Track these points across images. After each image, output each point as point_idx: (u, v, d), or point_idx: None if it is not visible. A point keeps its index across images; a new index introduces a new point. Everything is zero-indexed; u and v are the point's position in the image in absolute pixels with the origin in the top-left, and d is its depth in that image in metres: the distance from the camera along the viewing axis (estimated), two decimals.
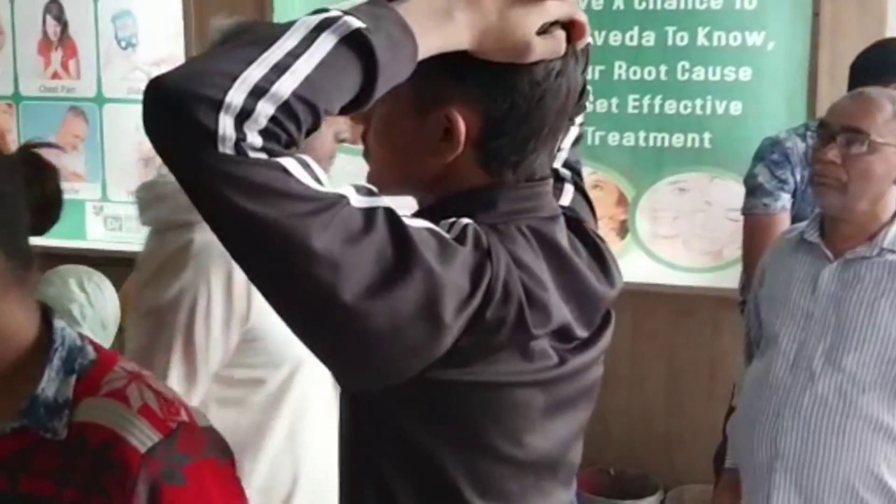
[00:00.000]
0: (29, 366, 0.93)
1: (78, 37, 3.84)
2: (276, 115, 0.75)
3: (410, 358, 0.84)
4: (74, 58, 3.86)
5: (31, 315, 0.95)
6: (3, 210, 0.90)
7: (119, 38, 3.80)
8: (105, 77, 3.84)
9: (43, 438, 0.91)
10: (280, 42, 0.77)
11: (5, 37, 3.94)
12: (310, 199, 0.77)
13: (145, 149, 3.80)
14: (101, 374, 0.95)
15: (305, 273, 0.77)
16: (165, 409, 0.94)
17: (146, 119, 0.77)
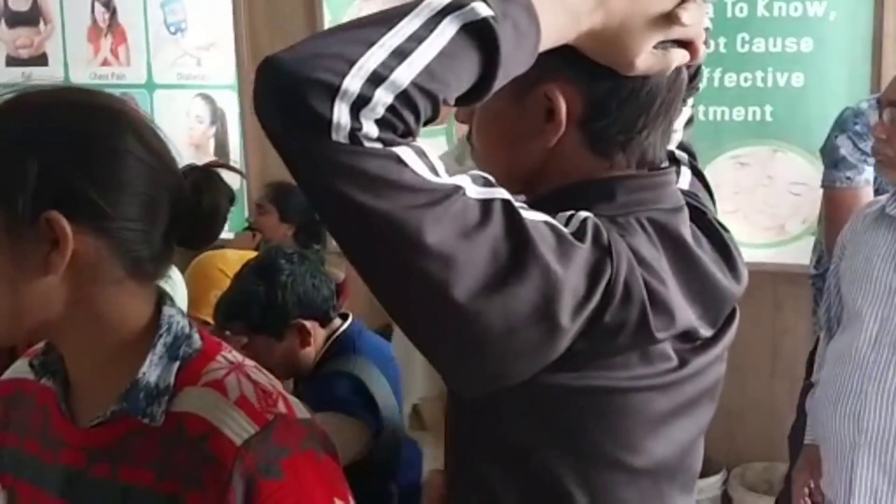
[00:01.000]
0: (136, 351, 0.92)
1: (127, 23, 3.85)
2: (395, 105, 0.72)
3: (523, 361, 0.80)
4: (124, 44, 3.87)
5: (144, 303, 0.94)
6: (125, 209, 0.88)
7: (168, 23, 3.80)
8: (154, 63, 3.85)
9: (142, 426, 0.90)
10: (403, 24, 0.74)
11: (54, 25, 3.96)
12: (424, 191, 0.73)
13: (196, 134, 3.82)
14: (204, 363, 0.94)
15: (416, 268, 0.74)
16: (263, 400, 0.92)
17: (257, 99, 0.73)
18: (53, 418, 0.97)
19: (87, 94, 0.93)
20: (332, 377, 2.00)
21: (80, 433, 0.94)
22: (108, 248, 0.88)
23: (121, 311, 0.92)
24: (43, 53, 3.99)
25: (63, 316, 0.90)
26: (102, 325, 0.91)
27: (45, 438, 0.98)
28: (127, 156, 0.88)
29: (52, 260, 0.86)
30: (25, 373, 1.01)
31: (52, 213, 0.85)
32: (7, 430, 1.03)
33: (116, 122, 0.90)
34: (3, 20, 4.02)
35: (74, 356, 0.95)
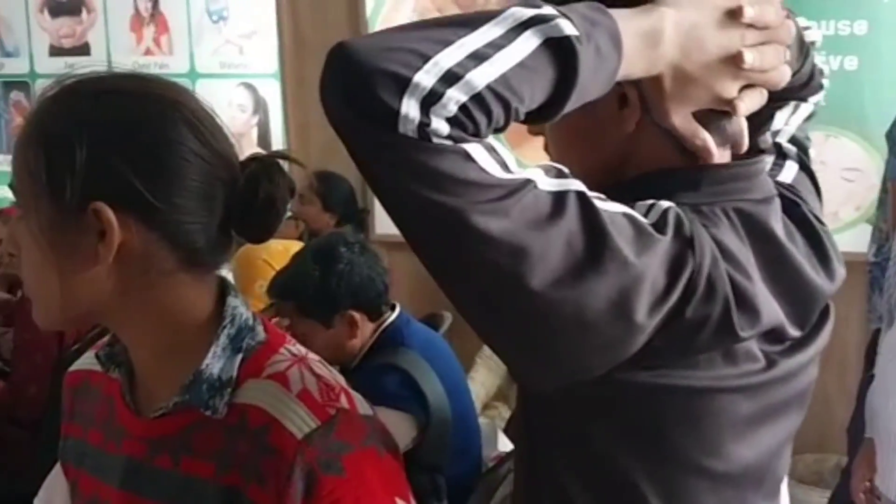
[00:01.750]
0: (199, 343, 0.90)
1: (169, 12, 3.85)
2: (468, 105, 0.70)
3: (598, 356, 0.77)
4: (166, 33, 3.88)
5: (205, 294, 0.92)
6: (175, 200, 0.86)
7: (210, 11, 3.80)
8: (197, 52, 3.85)
9: (205, 417, 0.89)
10: (483, 29, 0.72)
11: (97, 14, 3.98)
12: (492, 186, 0.71)
13: (238, 123, 3.82)
14: (267, 355, 0.92)
15: (487, 261, 0.72)
16: (325, 394, 0.90)
17: (324, 85, 0.72)
18: (118, 409, 0.96)
19: (142, 82, 0.90)
20: (380, 370, 1.98)
21: (143, 424, 0.93)
22: (158, 240, 0.87)
23: (178, 302, 0.90)
24: (85, 43, 4.01)
25: (115, 306, 0.89)
26: (159, 316, 0.90)
27: (109, 429, 0.97)
28: (178, 147, 0.86)
29: (99, 251, 0.85)
30: (93, 364, 1.00)
31: (99, 204, 0.84)
32: (72, 420, 1.04)
33: (169, 112, 0.87)
34: (46, 10, 4.05)
35: (135, 347, 0.94)
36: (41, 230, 0.85)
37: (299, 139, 3.78)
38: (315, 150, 3.81)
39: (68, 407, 1.05)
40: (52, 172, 0.84)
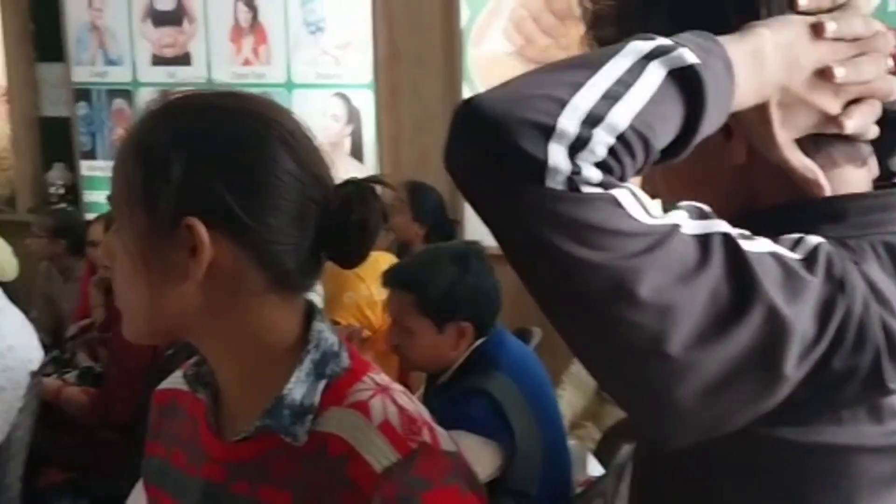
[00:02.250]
0: (283, 367, 0.88)
1: (268, 23, 3.90)
2: (615, 147, 0.65)
3: (736, 411, 0.71)
4: (264, 44, 3.93)
5: (291, 317, 0.90)
6: (268, 220, 0.85)
7: (307, 22, 3.84)
8: (293, 62, 3.89)
9: (285, 444, 0.86)
10: (608, 67, 0.67)
11: (198, 24, 4.05)
12: (642, 235, 0.65)
13: (332, 133, 3.84)
14: (350, 383, 0.90)
15: (628, 321, 0.66)
16: (407, 427, 0.87)
17: (453, 145, 0.67)
18: (201, 431, 0.95)
19: (242, 99, 0.89)
20: (468, 394, 1.92)
21: (224, 447, 0.91)
22: (249, 259, 0.85)
23: (263, 324, 0.88)
24: (187, 53, 4.09)
25: (202, 324, 0.87)
26: (244, 337, 0.88)
27: (192, 451, 0.96)
28: (273, 165, 0.85)
29: (189, 266, 0.83)
30: (180, 383, 0.99)
31: (192, 219, 0.82)
32: (157, 440, 1.03)
33: (266, 131, 0.86)
34: (150, 19, 4.14)
35: (220, 368, 0.92)
36: (134, 243, 0.85)
37: (391, 149, 3.79)
38: (406, 161, 3.81)
39: (154, 426, 1.04)
40: (149, 185, 0.83)
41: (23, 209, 4.53)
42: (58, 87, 4.44)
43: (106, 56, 4.25)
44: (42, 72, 4.51)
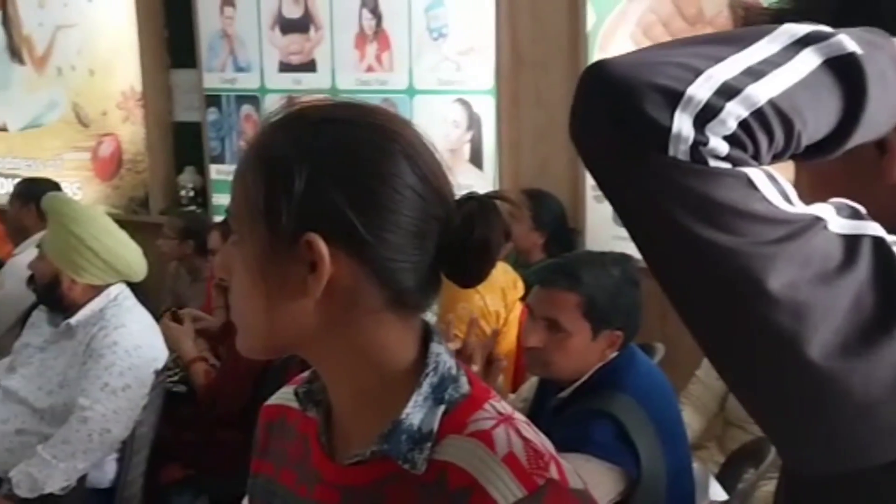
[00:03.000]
0: (400, 389, 0.85)
1: (392, 29, 3.92)
2: (749, 121, 0.60)
3: (885, 439, 0.65)
4: (388, 50, 3.95)
5: (409, 337, 0.87)
6: (387, 236, 0.82)
7: (431, 28, 3.84)
8: (416, 68, 3.90)
9: (401, 470, 0.83)
10: (756, 46, 0.63)
11: (324, 32, 4.11)
12: (779, 222, 0.61)
13: (452, 139, 3.83)
14: (471, 410, 0.86)
15: (759, 317, 0.61)
16: (533, 461, 0.82)
17: (577, 109, 0.64)
18: (313, 451, 0.92)
19: (364, 111, 0.86)
20: (591, 416, 1.84)
21: (337, 470, 0.89)
22: (367, 276, 0.82)
23: (380, 343, 0.85)
24: (312, 60, 4.15)
25: (318, 341, 0.85)
26: (360, 356, 0.86)
27: (302, 471, 0.93)
28: (394, 180, 0.82)
29: (308, 283, 0.81)
30: (290, 400, 0.97)
31: (313, 235, 0.80)
32: (265, 457, 1.01)
33: (388, 144, 0.83)
34: (278, 27, 4.22)
35: (334, 386, 0.90)
36: (253, 257, 0.83)
37: (511, 156, 3.75)
38: (526, 168, 3.76)
39: (262, 442, 1.02)
40: (269, 200, 0.82)
41: (155, 211, 4.70)
42: (190, 92, 4.58)
43: (235, 63, 4.36)
44: (175, 78, 4.67)
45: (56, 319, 2.69)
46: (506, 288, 2.38)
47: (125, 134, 4.77)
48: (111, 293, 2.68)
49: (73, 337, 2.64)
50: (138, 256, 2.73)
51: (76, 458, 2.50)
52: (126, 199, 4.82)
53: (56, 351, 2.67)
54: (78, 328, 2.63)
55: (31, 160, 5.10)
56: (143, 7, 4.59)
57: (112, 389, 2.53)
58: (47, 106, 5.00)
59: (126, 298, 2.70)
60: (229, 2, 4.31)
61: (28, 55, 5.01)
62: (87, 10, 4.74)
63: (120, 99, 4.74)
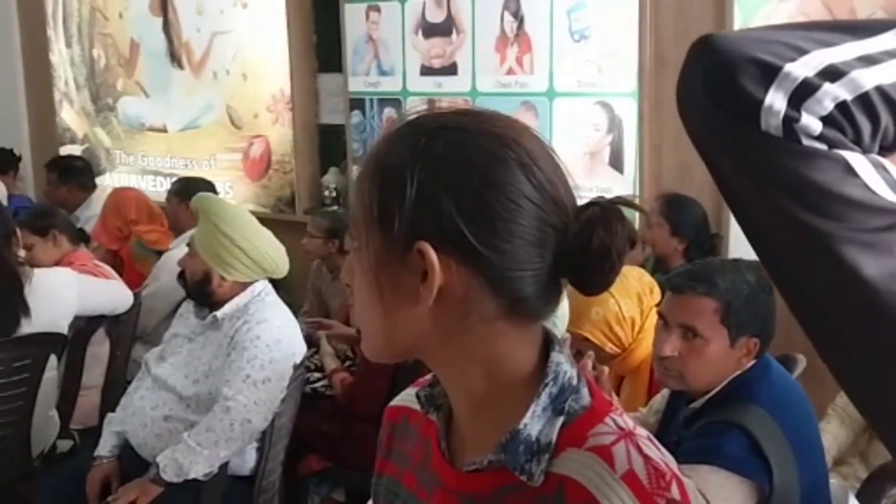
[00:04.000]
0: (518, 398, 0.85)
1: (533, 32, 3.92)
2: (849, 104, 0.59)
3: None
4: (528, 52, 3.95)
5: (527, 346, 0.87)
6: (501, 245, 0.81)
7: (572, 30, 3.81)
8: (556, 71, 3.88)
9: (519, 481, 0.83)
10: (880, 38, 0.61)
11: (466, 35, 4.14)
12: (879, 211, 0.58)
13: (591, 143, 3.79)
14: (591, 423, 0.84)
15: (858, 311, 0.59)
16: (655, 480, 0.80)
17: (681, 79, 0.66)
18: (433, 454, 0.93)
19: (481, 118, 0.86)
20: (722, 428, 1.79)
21: (457, 476, 0.89)
22: (481, 285, 0.82)
23: (497, 352, 0.85)
24: (453, 63, 4.19)
25: (435, 347, 0.85)
26: (476, 365, 0.85)
27: (424, 474, 0.94)
28: (508, 189, 0.81)
29: (420, 291, 0.82)
30: (413, 402, 0.98)
31: (424, 244, 0.80)
32: (388, 458, 1.02)
33: (503, 152, 0.82)
34: (420, 30, 4.28)
35: (452, 393, 0.90)
36: (370, 264, 0.84)
37: (652, 160, 3.68)
38: (668, 173, 3.68)
39: (386, 443, 1.03)
40: (383, 207, 0.82)
41: (300, 210, 4.84)
42: (335, 96, 4.71)
43: (379, 67, 4.45)
44: (322, 82, 4.80)
45: (202, 312, 2.81)
46: (641, 293, 2.33)
47: (274, 136, 4.95)
48: (255, 289, 2.78)
49: (218, 329, 2.76)
50: (282, 254, 2.83)
51: (219, 446, 2.61)
52: (273, 199, 4.99)
53: (202, 342, 2.79)
54: (223, 321, 2.74)
55: (188, 160, 5.35)
56: (293, 14, 4.74)
57: (253, 381, 2.63)
58: (203, 108, 5.23)
59: (268, 294, 2.80)
60: (375, 7, 4.40)
61: (187, 60, 5.26)
62: (242, 17, 4.94)
63: (270, 102, 4.92)
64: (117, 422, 2.85)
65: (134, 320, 3.72)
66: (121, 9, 5.56)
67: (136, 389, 2.87)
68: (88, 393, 3.54)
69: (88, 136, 5.89)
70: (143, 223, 4.45)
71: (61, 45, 5.93)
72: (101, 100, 5.80)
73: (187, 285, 2.83)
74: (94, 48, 5.77)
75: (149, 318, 3.88)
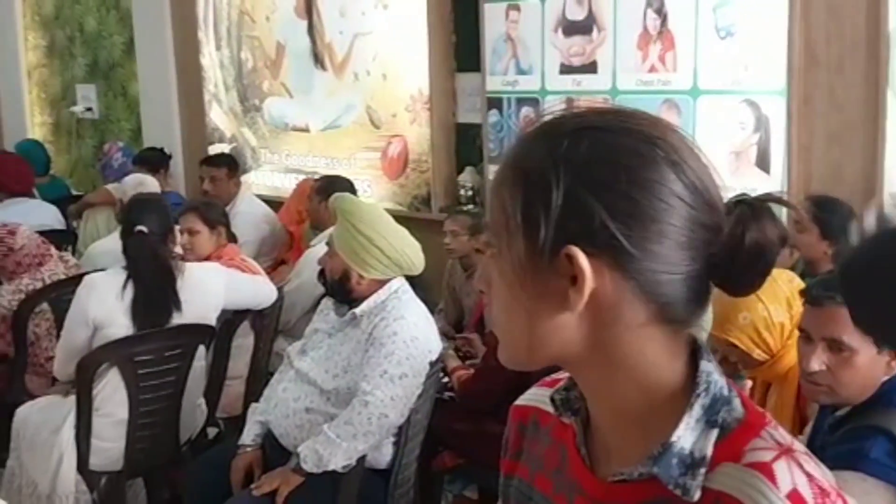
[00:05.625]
0: (666, 408, 0.82)
1: (677, 29, 3.83)
2: None
3: None
4: (672, 50, 3.86)
5: (676, 353, 0.84)
6: (652, 247, 0.79)
7: (718, 27, 3.70)
8: (700, 68, 3.78)
9: (671, 496, 0.80)
10: None
11: (607, 33, 4.08)
12: None
13: (737, 142, 3.68)
14: (747, 437, 0.81)
15: None
16: (819, 499, 0.77)
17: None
18: (571, 460, 0.91)
19: (623, 117, 0.83)
20: (867, 433, 1.73)
21: (601, 485, 0.86)
22: (631, 290, 0.79)
23: (645, 359, 0.82)
24: (593, 61, 4.14)
25: (580, 355, 0.83)
26: (624, 372, 0.83)
27: (560, 480, 0.92)
28: (658, 188, 0.79)
29: (569, 296, 0.80)
30: (542, 402, 0.96)
31: (573, 248, 0.78)
32: (518, 459, 1.00)
33: (650, 151, 0.80)
34: (560, 29, 4.25)
35: (594, 399, 0.88)
36: (512, 270, 0.82)
37: (801, 160, 3.54)
38: (817, 173, 3.54)
39: (514, 443, 1.01)
40: (527, 212, 0.80)
41: (435, 209, 4.88)
42: (473, 95, 4.72)
43: (517, 66, 4.44)
44: (460, 81, 4.83)
45: (342, 309, 2.87)
46: (791, 298, 2.23)
47: (412, 135, 5.00)
48: (392, 286, 2.82)
49: (357, 326, 2.81)
50: (418, 252, 2.86)
51: (357, 439, 2.66)
52: (410, 197, 5.05)
53: (342, 337, 2.85)
54: (362, 318, 2.79)
55: (329, 159, 5.48)
56: (433, 14, 4.78)
57: (390, 377, 2.67)
58: (344, 109, 5.33)
59: (405, 292, 2.83)
60: (515, 6, 4.39)
61: (329, 61, 5.38)
62: (383, 18, 5.02)
63: (408, 102, 4.97)
64: (261, 412, 2.94)
65: (277, 314, 3.84)
66: (268, 12, 5.74)
67: (279, 381, 2.96)
68: (233, 383, 3.67)
69: (236, 136, 6.11)
70: None
71: (211, 47, 6.17)
72: (248, 100, 6.00)
73: (327, 283, 2.90)
74: (242, 50, 5.97)
75: (291, 313, 3.99)
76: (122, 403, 3.11)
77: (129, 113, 7.03)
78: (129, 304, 3.10)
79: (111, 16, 7.02)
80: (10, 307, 3.72)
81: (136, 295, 3.11)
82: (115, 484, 3.20)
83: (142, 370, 3.12)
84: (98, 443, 3.12)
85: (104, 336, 3.09)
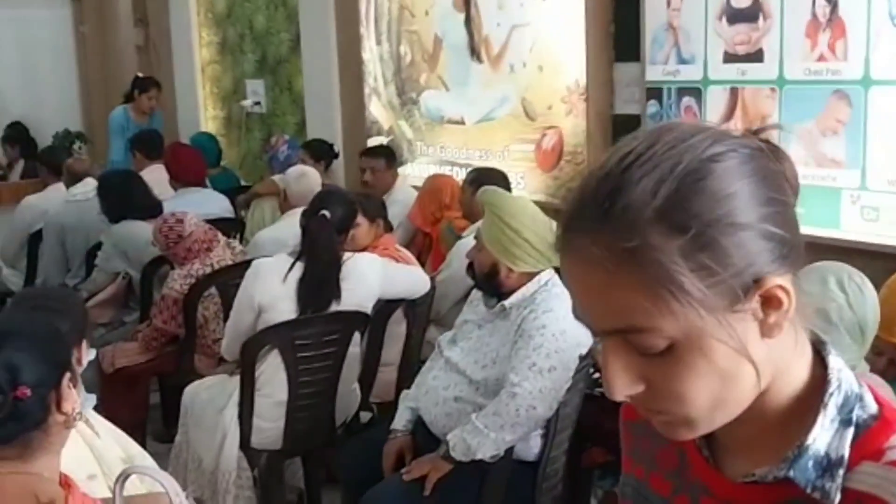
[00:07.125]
0: (800, 409, 0.80)
1: (848, 16, 3.64)
2: None
3: None
4: (842, 38, 3.67)
5: (803, 352, 0.82)
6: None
7: (892, 14, 3.50)
8: (873, 57, 3.58)
9: (806, 497, 0.77)
10: None
11: (773, 20, 3.92)
12: None
13: None
14: (885, 434, 0.78)
15: None
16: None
17: None
18: (692, 461, 0.89)
19: (715, 136, 0.78)
20: None
21: (730, 486, 0.84)
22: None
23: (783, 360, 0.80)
24: (759, 49, 3.99)
25: None
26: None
27: (680, 481, 0.90)
28: (789, 195, 0.80)
29: (769, 323, 0.76)
30: None
31: (765, 280, 0.76)
32: (632, 457, 0.99)
33: (766, 164, 0.78)
34: (724, 16, 4.11)
35: None
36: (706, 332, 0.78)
37: None
38: None
39: (626, 442, 1.01)
40: (699, 271, 0.75)
41: None
42: (631, 86, 4.64)
43: (679, 55, 4.33)
44: (618, 71, 4.75)
45: (491, 301, 2.89)
46: None
47: (567, 127, 4.96)
48: (542, 279, 2.81)
49: (506, 318, 2.82)
50: None
51: (504, 430, 2.67)
52: (563, 190, 5.01)
53: (491, 329, 2.87)
54: (511, 310, 2.80)
55: (483, 151, 5.51)
56: (592, 4, 4.73)
57: (539, 369, 2.67)
58: (499, 101, 5.35)
59: (555, 285, 2.82)
60: None
61: (485, 54, 5.41)
62: (541, 9, 5.00)
63: (564, 93, 4.94)
64: (412, 398, 3.00)
65: (429, 303, 3.90)
66: (427, 6, 5.82)
67: (429, 369, 3.01)
68: (386, 369, 3.76)
69: (393, 129, 6.23)
70: (454, 209, 4.65)
71: (372, 42, 6.31)
72: (406, 94, 6.11)
73: (476, 277, 2.92)
74: (401, 45, 6.08)
75: (442, 303, 4.05)
76: (282, 385, 3.24)
77: (294, 107, 7.28)
78: (291, 289, 3.23)
79: (279, 13, 7.29)
80: (182, 291, 3.94)
81: (304, 275, 3.23)
82: (275, 462, 3.34)
83: (301, 353, 3.24)
84: (259, 422, 3.26)
85: (267, 320, 3.23)
